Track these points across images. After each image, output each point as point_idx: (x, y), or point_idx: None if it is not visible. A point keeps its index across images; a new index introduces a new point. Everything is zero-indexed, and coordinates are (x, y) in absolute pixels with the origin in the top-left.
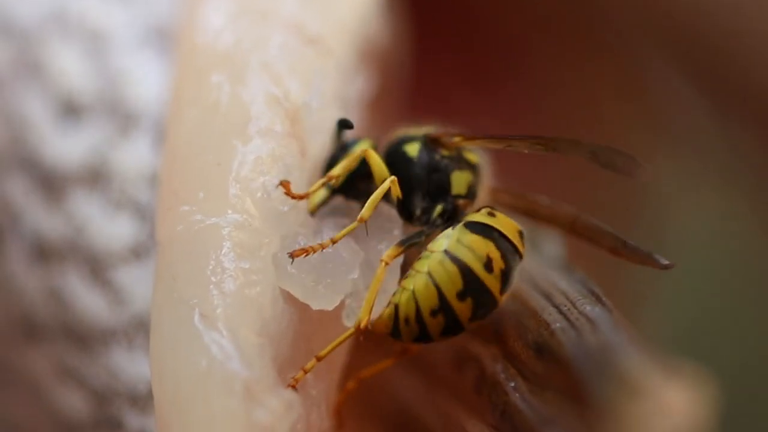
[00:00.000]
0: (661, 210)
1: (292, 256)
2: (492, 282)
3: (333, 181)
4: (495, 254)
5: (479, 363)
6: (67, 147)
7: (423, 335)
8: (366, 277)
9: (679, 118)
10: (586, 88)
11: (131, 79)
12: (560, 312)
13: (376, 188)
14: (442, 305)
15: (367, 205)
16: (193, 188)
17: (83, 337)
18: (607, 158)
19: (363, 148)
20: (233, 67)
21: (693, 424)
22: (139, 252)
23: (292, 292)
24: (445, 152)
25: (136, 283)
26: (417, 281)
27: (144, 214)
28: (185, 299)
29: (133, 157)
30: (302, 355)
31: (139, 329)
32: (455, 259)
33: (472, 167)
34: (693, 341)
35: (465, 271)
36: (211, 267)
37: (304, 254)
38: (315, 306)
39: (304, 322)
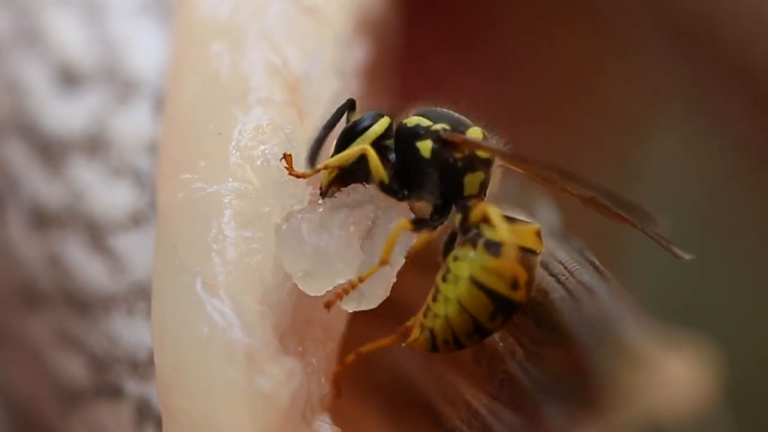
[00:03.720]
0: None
1: (329, 305)
2: (520, 296)
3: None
4: (519, 271)
5: None
6: (66, 114)
7: (458, 348)
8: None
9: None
10: (576, 51)
11: (130, 47)
12: (558, 281)
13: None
14: (477, 328)
15: (385, 248)
16: (193, 156)
17: (83, 304)
18: (640, 216)
19: (362, 147)
20: (232, 36)
21: (694, 394)
22: (138, 219)
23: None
24: (458, 154)
25: (135, 250)
26: (449, 309)
27: (143, 181)
28: (186, 267)
29: (133, 124)
30: (303, 324)
31: (139, 296)
32: (482, 287)
33: (485, 164)
34: (690, 310)
35: (494, 295)
36: (212, 235)
37: (338, 300)
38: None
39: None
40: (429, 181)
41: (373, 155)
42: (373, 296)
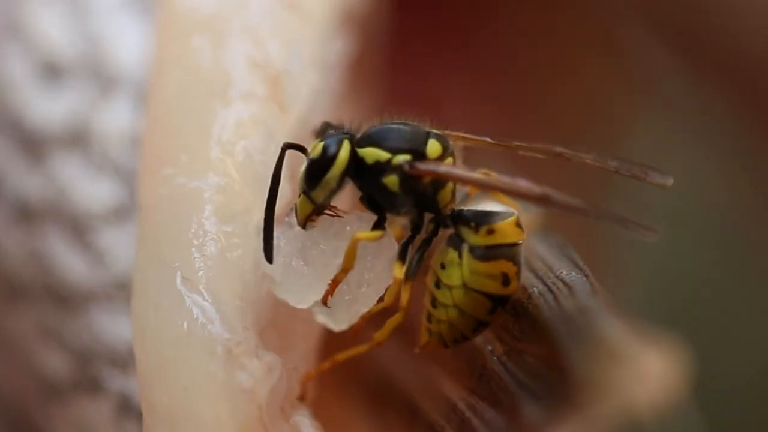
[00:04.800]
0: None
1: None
2: (512, 288)
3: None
4: (507, 266)
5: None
6: (48, 109)
7: (468, 340)
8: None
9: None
10: (562, 45)
11: (112, 41)
12: (537, 276)
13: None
14: (479, 323)
15: (384, 329)
16: (174, 151)
17: (64, 298)
18: (628, 169)
19: (355, 240)
20: (214, 30)
21: (669, 390)
22: (120, 214)
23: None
24: (426, 179)
25: (117, 245)
26: (450, 314)
27: (125, 176)
28: (167, 262)
29: (114, 119)
30: (283, 319)
31: (120, 291)
32: (477, 291)
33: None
34: (668, 308)
35: (489, 295)
36: (193, 230)
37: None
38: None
39: None
40: (402, 205)
41: (353, 247)
42: (339, 321)
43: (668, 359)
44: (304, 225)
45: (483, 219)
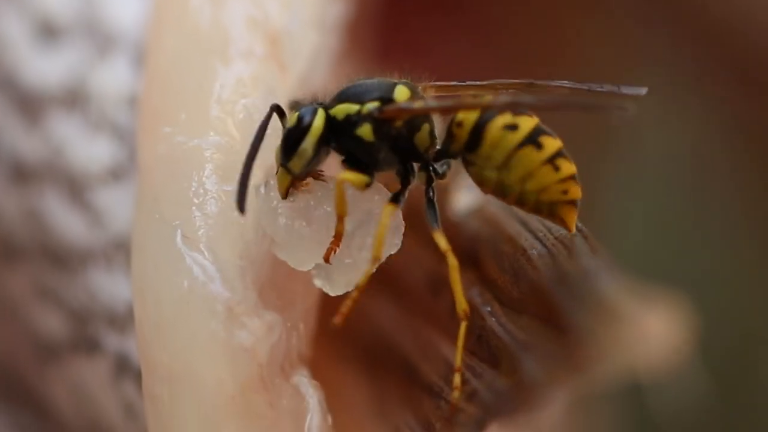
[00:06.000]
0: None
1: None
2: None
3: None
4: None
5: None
6: (45, 68)
7: None
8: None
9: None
10: (553, 14)
11: (110, 0)
12: (536, 237)
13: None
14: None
15: (375, 243)
16: (174, 110)
17: (62, 258)
18: (600, 87)
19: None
20: None
21: (671, 349)
22: (118, 174)
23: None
24: (398, 123)
25: (115, 204)
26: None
27: (123, 135)
28: (167, 220)
29: (112, 78)
30: (283, 278)
31: (118, 250)
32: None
33: (425, 115)
34: (666, 267)
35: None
36: (193, 189)
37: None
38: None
39: None
40: (382, 156)
41: (341, 191)
42: (336, 285)
43: (670, 318)
44: (285, 197)
45: None
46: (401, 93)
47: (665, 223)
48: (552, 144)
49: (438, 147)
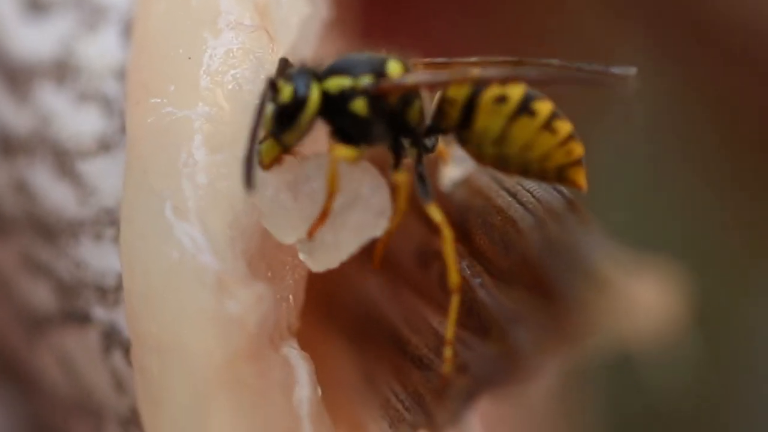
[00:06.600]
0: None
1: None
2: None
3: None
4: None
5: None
6: (33, 40)
7: None
8: None
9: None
10: None
11: None
12: (526, 209)
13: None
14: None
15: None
16: (163, 81)
17: (51, 230)
18: (590, 66)
19: (336, 154)
20: None
21: (662, 319)
22: (107, 145)
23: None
24: (392, 98)
25: (104, 176)
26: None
27: (112, 107)
28: (156, 191)
29: (101, 50)
30: (272, 248)
31: (107, 222)
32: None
33: (415, 92)
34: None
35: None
36: (182, 159)
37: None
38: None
39: None
40: (374, 131)
41: (335, 169)
42: (318, 262)
43: (661, 288)
44: (268, 168)
45: None
46: (393, 68)
47: (653, 193)
48: (545, 108)
49: (428, 123)
